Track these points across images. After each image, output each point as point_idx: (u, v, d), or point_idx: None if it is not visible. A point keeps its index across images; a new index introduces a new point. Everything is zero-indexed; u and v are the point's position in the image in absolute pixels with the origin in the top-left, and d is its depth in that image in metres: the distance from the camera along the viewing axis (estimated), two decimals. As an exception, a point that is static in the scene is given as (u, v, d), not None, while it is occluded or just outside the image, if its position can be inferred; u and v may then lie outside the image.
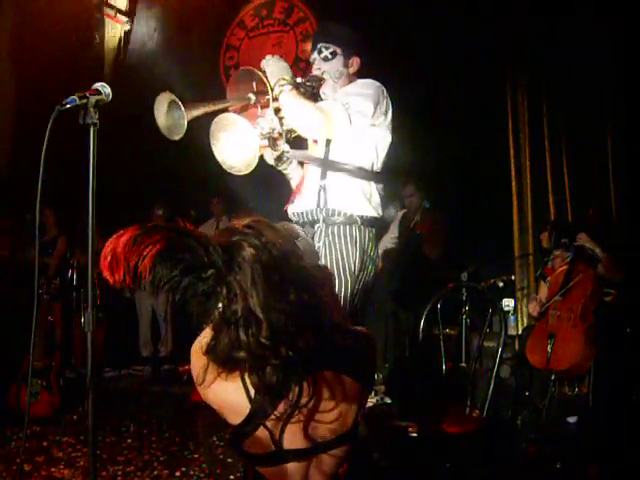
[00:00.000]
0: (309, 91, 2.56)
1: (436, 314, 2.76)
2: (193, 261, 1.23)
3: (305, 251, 1.37)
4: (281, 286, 1.25)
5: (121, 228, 1.26)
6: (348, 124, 2.40)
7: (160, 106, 2.24)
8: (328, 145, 2.50)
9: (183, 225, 1.29)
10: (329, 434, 1.33)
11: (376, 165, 2.51)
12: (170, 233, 1.23)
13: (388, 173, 2.59)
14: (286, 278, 1.26)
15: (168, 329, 6.05)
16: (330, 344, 1.32)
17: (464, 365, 4.31)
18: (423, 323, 2.72)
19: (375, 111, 2.44)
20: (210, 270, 1.24)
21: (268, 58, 2.50)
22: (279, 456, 1.30)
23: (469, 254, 4.97)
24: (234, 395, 1.29)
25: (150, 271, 1.20)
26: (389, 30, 5.40)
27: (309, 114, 2.39)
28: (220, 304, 1.25)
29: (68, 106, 1.66)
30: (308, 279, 1.30)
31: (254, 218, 1.34)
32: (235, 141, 2.36)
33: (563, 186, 5.19)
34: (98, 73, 6.78)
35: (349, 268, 2.38)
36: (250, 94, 2.49)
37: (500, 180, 5.44)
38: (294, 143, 2.60)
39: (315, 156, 2.55)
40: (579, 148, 5.17)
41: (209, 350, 1.27)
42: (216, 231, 1.51)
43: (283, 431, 1.28)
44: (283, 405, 1.26)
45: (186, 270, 1.23)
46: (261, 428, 1.28)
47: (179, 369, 5.53)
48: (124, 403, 4.69)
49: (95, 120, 1.69)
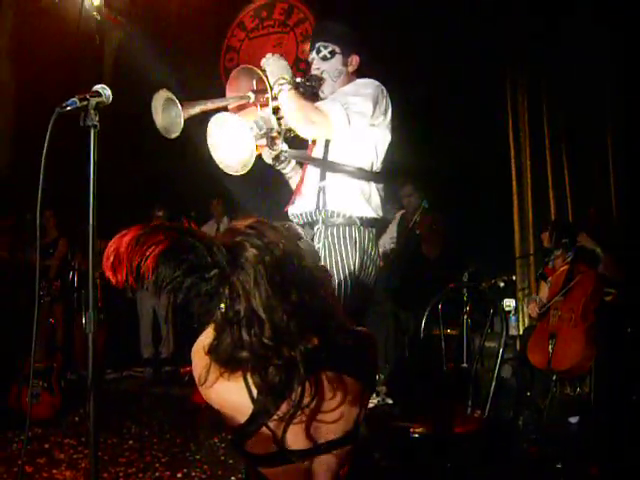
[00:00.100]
0: (309, 91, 2.54)
1: (437, 314, 2.76)
2: (196, 261, 1.23)
3: (306, 252, 1.37)
4: (283, 287, 1.25)
5: (121, 229, 1.26)
6: (347, 124, 2.38)
7: (157, 104, 2.21)
8: (327, 145, 2.49)
9: (187, 225, 1.28)
10: (331, 434, 1.33)
11: (375, 165, 2.49)
12: (173, 233, 1.23)
13: (387, 173, 2.58)
14: (288, 279, 1.26)
15: (169, 330, 6.05)
16: (332, 344, 1.32)
17: (465, 365, 4.30)
18: (424, 323, 2.71)
19: (374, 111, 2.42)
20: (213, 270, 1.24)
21: (268, 57, 2.48)
22: (281, 456, 1.30)
23: (470, 254, 4.96)
24: (236, 395, 1.29)
25: (153, 271, 1.20)
26: (389, 30, 5.40)
27: (308, 114, 2.37)
28: (222, 304, 1.25)
29: (68, 108, 1.66)
30: (310, 280, 1.31)
31: (256, 219, 1.34)
32: (232, 140, 2.33)
33: (563, 186, 5.20)
34: (98, 74, 6.78)
35: (349, 269, 2.37)
36: (249, 92, 2.47)
37: (500, 180, 5.44)
38: (293, 143, 2.58)
39: (314, 156, 2.53)
40: (579, 148, 5.17)
41: (211, 350, 1.27)
42: (218, 232, 1.51)
43: (285, 431, 1.28)
44: (286, 405, 1.26)
45: (189, 270, 1.23)
46: (263, 428, 1.28)
47: (180, 370, 5.52)
48: (125, 405, 4.69)
49: (95, 122, 1.69)
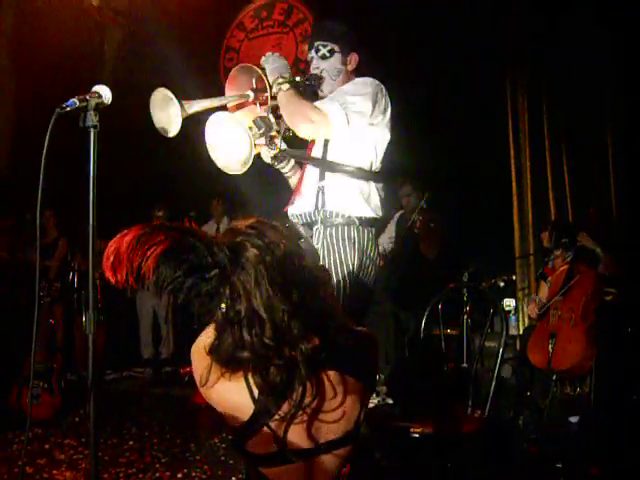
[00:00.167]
0: (308, 90, 2.53)
1: (437, 314, 2.75)
2: (197, 261, 1.23)
3: (306, 252, 1.37)
4: (284, 286, 1.25)
5: (121, 229, 1.26)
6: (346, 124, 2.36)
7: (156, 102, 2.20)
8: (326, 145, 2.47)
9: (187, 225, 1.28)
10: (332, 434, 1.33)
11: (375, 165, 2.48)
12: (174, 233, 1.23)
13: (386, 173, 2.57)
14: (289, 279, 1.26)
15: (169, 331, 6.05)
16: (333, 344, 1.32)
17: (465, 365, 4.30)
18: (424, 323, 2.71)
19: (373, 110, 2.40)
20: (214, 270, 1.24)
21: (268, 55, 2.47)
22: (282, 456, 1.30)
23: (469, 254, 4.96)
24: (238, 395, 1.29)
25: (153, 271, 1.20)
26: (389, 30, 5.40)
27: (306, 114, 2.36)
28: (223, 304, 1.25)
29: (68, 109, 1.66)
30: (311, 280, 1.31)
31: (257, 219, 1.34)
32: (230, 139, 2.32)
33: (563, 186, 5.20)
34: (98, 75, 6.78)
35: (348, 269, 2.36)
36: (249, 91, 2.46)
37: (500, 180, 5.44)
38: (294, 142, 2.56)
39: (313, 156, 2.52)
40: (579, 148, 5.17)
41: (212, 350, 1.27)
42: (218, 232, 1.51)
43: (287, 431, 1.28)
44: (287, 405, 1.26)
45: (190, 270, 1.23)
46: (264, 428, 1.28)
47: (180, 371, 5.52)
48: (125, 405, 4.69)
49: (95, 123, 1.69)
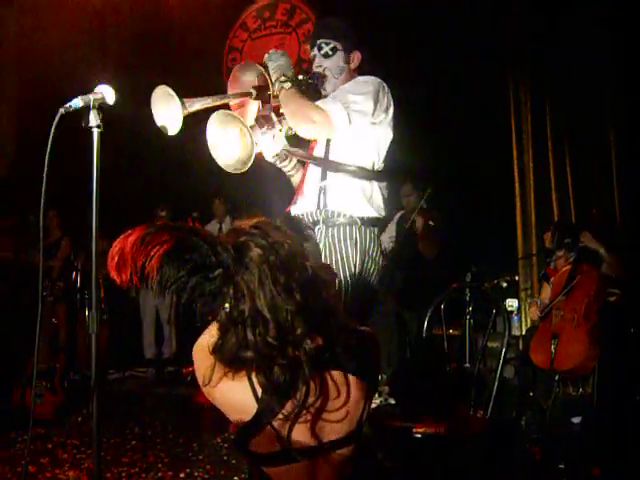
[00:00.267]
0: (310, 89, 2.51)
1: (440, 314, 2.75)
2: (200, 261, 1.23)
3: (310, 252, 1.37)
4: (288, 286, 1.25)
5: (124, 229, 1.26)
6: (348, 124, 2.35)
7: (157, 100, 2.18)
8: (328, 145, 2.46)
9: (191, 224, 1.29)
10: (335, 434, 1.33)
11: (377, 164, 2.47)
12: (178, 233, 1.24)
13: (389, 172, 2.56)
14: (293, 278, 1.26)
15: (171, 331, 6.06)
16: (336, 344, 1.32)
17: (468, 365, 4.30)
18: (427, 323, 2.71)
19: (375, 109, 2.39)
20: (217, 270, 1.24)
21: (271, 52, 2.46)
22: (286, 455, 1.30)
23: (471, 255, 4.96)
24: (241, 394, 1.29)
25: (157, 271, 1.20)
26: (389, 30, 5.40)
27: (308, 113, 2.35)
28: (227, 304, 1.25)
29: (71, 109, 1.66)
30: (314, 280, 1.31)
31: (260, 219, 1.34)
32: (231, 138, 2.31)
33: (566, 186, 5.19)
34: (102, 75, 6.78)
35: (350, 269, 2.36)
36: (251, 89, 2.43)
37: (503, 180, 5.44)
38: (294, 140, 2.55)
39: (315, 155, 2.51)
40: (582, 148, 5.17)
41: (216, 350, 1.27)
42: (220, 232, 1.51)
43: (290, 430, 1.28)
44: (290, 405, 1.26)
45: (193, 270, 1.23)
46: (268, 428, 1.28)
47: (183, 371, 5.53)
48: (128, 405, 4.70)
49: (98, 122, 1.69)
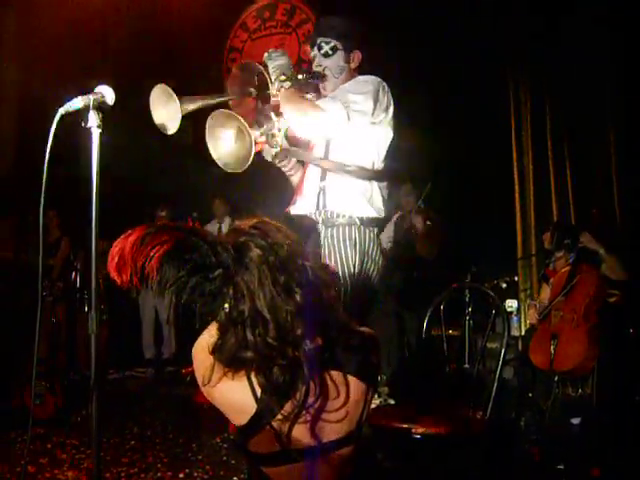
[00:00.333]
0: (310, 88, 2.51)
1: (439, 315, 2.75)
2: (200, 261, 1.24)
3: (310, 252, 1.38)
4: (287, 287, 1.25)
5: (124, 230, 1.26)
6: (347, 123, 2.35)
7: (155, 99, 2.18)
8: (327, 144, 2.46)
9: (191, 225, 1.29)
10: (335, 434, 1.33)
11: (377, 164, 2.46)
12: (178, 233, 1.24)
13: (389, 172, 2.55)
14: (292, 279, 1.26)
15: (171, 331, 6.06)
16: (336, 344, 1.32)
17: (467, 366, 4.30)
18: (426, 324, 2.71)
19: (375, 109, 2.38)
20: (217, 270, 1.25)
21: (271, 51, 2.45)
22: (285, 456, 1.30)
23: (472, 255, 4.96)
24: (240, 394, 1.29)
25: (157, 271, 1.20)
26: (390, 30, 5.39)
27: (307, 113, 2.34)
28: (227, 304, 1.26)
29: (71, 109, 1.66)
30: (314, 280, 1.31)
31: (260, 219, 1.34)
32: (231, 137, 2.30)
33: (566, 187, 5.19)
34: (101, 75, 6.79)
35: (349, 270, 2.36)
36: (251, 88, 2.43)
37: (503, 181, 5.44)
38: (293, 140, 2.54)
39: (314, 155, 2.51)
40: (582, 149, 5.16)
41: (215, 350, 1.28)
42: (220, 232, 1.51)
43: (290, 431, 1.28)
44: (289, 405, 1.27)
45: (193, 270, 1.23)
46: (267, 428, 1.29)
47: (182, 371, 5.52)
48: (127, 405, 4.69)
49: (98, 123, 1.69)
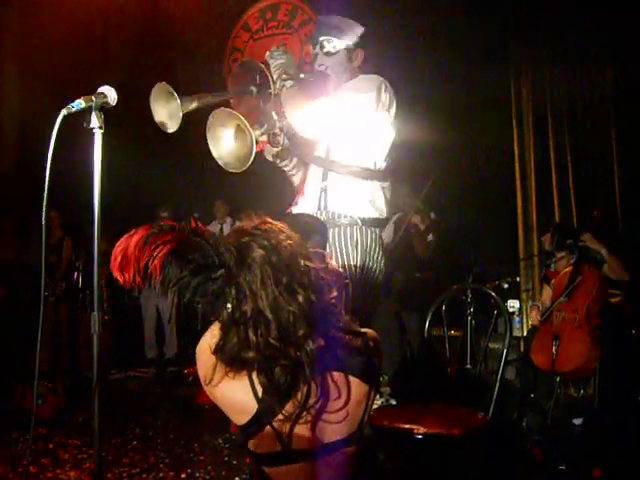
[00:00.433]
0: (312, 87, 2.51)
1: (441, 315, 2.75)
2: (203, 261, 1.24)
3: (314, 253, 1.37)
4: (290, 287, 1.25)
5: (126, 230, 1.26)
6: (349, 123, 2.35)
7: (156, 97, 2.17)
8: (329, 144, 2.46)
9: (194, 225, 1.29)
10: (336, 435, 1.33)
11: (379, 163, 2.45)
12: (181, 233, 1.24)
13: (391, 172, 2.55)
14: (295, 279, 1.26)
15: (173, 331, 6.07)
16: (338, 345, 1.32)
17: (469, 367, 4.30)
18: (428, 324, 2.71)
19: (377, 108, 2.38)
20: (220, 270, 1.25)
21: (273, 50, 2.44)
22: (286, 456, 1.31)
23: (474, 255, 4.96)
24: (241, 394, 1.29)
25: (160, 271, 1.21)
26: (390, 31, 5.39)
27: (309, 112, 2.32)
28: (229, 304, 1.26)
29: (73, 110, 1.66)
30: (316, 280, 1.31)
31: (263, 220, 1.34)
32: (232, 137, 2.29)
33: (568, 187, 5.19)
34: (104, 76, 6.80)
35: (350, 270, 2.36)
36: (252, 87, 2.40)
37: (505, 181, 5.44)
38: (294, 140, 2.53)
39: (316, 155, 2.50)
40: (583, 149, 5.16)
41: (217, 349, 1.28)
42: (221, 233, 1.51)
43: (291, 431, 1.28)
44: (291, 405, 1.27)
45: (196, 270, 1.24)
46: (268, 428, 1.29)
47: (184, 371, 5.54)
48: (129, 405, 4.69)
49: (100, 124, 1.69)
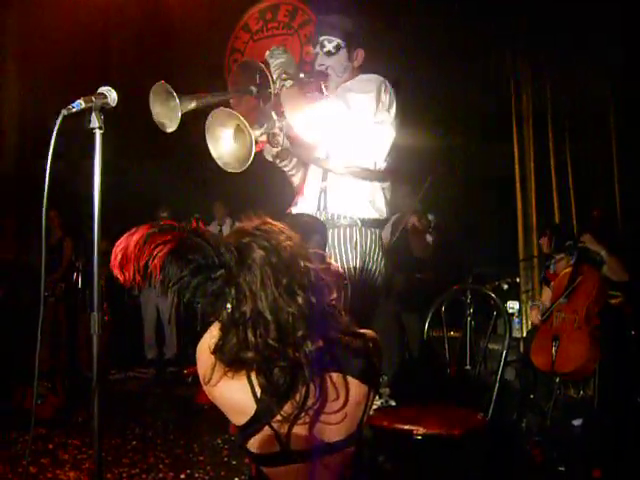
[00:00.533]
0: (312, 87, 2.49)
1: (440, 316, 2.75)
2: (203, 261, 1.24)
3: (314, 254, 1.37)
4: (290, 288, 1.26)
5: (126, 230, 1.26)
6: (349, 123, 2.33)
7: (155, 96, 2.16)
8: (329, 145, 2.45)
9: (195, 225, 1.29)
10: (335, 436, 1.33)
11: (379, 164, 2.45)
12: (181, 233, 1.24)
13: (392, 173, 2.54)
14: (295, 281, 1.27)
15: (172, 332, 6.07)
16: (337, 346, 1.32)
17: (469, 368, 4.30)
18: (427, 325, 2.71)
19: (377, 108, 2.37)
20: (220, 271, 1.25)
21: (273, 49, 2.43)
22: (285, 457, 1.31)
23: (473, 256, 4.95)
24: (240, 394, 1.29)
25: (160, 271, 1.21)
26: (391, 32, 5.39)
27: (308, 112, 2.31)
28: (229, 305, 1.26)
29: (73, 110, 1.66)
30: (316, 282, 1.31)
31: (264, 220, 1.34)
32: (231, 137, 2.28)
33: (567, 188, 5.19)
34: (103, 76, 6.79)
35: (349, 271, 2.36)
36: (252, 86, 2.39)
37: (504, 182, 5.44)
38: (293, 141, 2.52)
39: (315, 155, 2.49)
40: (583, 150, 5.16)
41: (217, 350, 1.28)
42: (221, 234, 1.51)
43: (289, 432, 1.28)
44: (289, 406, 1.27)
45: (196, 270, 1.24)
46: (267, 428, 1.29)
47: (184, 371, 5.53)
48: (129, 405, 4.69)
49: (100, 124, 1.69)
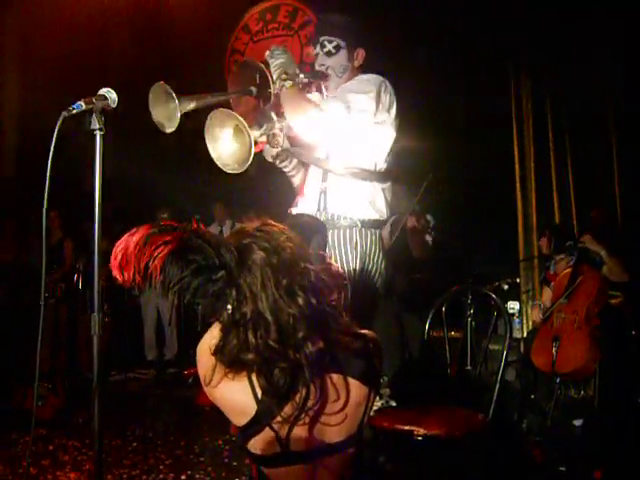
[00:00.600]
0: (313, 88, 2.49)
1: (441, 317, 2.75)
2: (204, 262, 1.24)
3: (315, 255, 1.37)
4: (290, 289, 1.26)
5: (126, 231, 1.26)
6: (349, 124, 2.32)
7: (155, 97, 2.16)
8: (329, 145, 2.44)
9: (196, 226, 1.29)
10: (335, 436, 1.33)
11: (379, 165, 2.45)
12: (182, 234, 1.24)
13: (392, 173, 2.54)
14: (295, 282, 1.26)
15: (173, 332, 6.07)
16: (337, 347, 1.32)
17: (469, 368, 4.29)
18: (428, 326, 2.71)
19: (377, 109, 2.37)
20: (220, 272, 1.25)
21: (273, 49, 2.42)
22: (285, 457, 1.31)
23: (474, 257, 4.95)
24: (241, 395, 1.29)
25: (161, 271, 1.21)
26: (392, 31, 5.39)
27: (308, 112, 2.31)
28: (229, 306, 1.26)
29: (74, 111, 1.66)
30: (317, 283, 1.31)
31: (264, 221, 1.34)
32: (230, 137, 2.28)
33: (567, 188, 5.19)
34: (104, 76, 6.80)
35: (349, 272, 2.36)
36: (252, 87, 2.39)
37: (505, 182, 5.44)
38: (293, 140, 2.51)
39: (315, 155, 2.49)
40: (583, 150, 5.16)
41: (217, 351, 1.28)
42: (221, 235, 1.51)
43: (289, 433, 1.28)
44: (290, 407, 1.27)
45: (196, 271, 1.24)
46: (267, 429, 1.29)
47: (184, 372, 5.54)
48: (129, 406, 4.69)
49: (101, 125, 1.69)
